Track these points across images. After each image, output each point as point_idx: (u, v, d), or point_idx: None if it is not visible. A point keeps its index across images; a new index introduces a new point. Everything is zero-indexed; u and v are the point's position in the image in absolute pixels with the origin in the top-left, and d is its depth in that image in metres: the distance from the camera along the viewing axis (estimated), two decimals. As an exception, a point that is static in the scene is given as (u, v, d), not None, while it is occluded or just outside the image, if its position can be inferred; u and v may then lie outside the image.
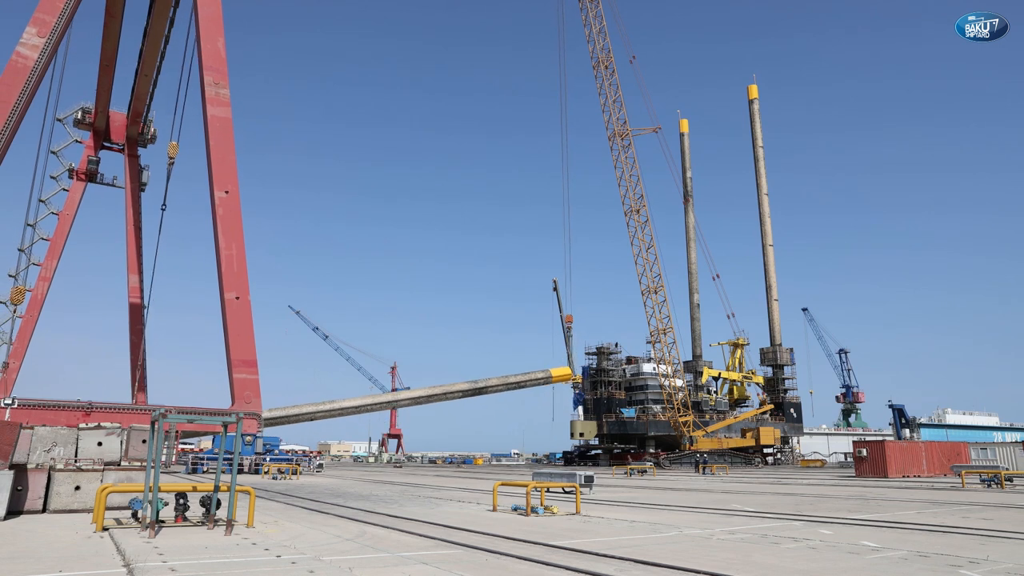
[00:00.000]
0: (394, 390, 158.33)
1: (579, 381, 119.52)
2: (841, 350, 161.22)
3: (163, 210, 74.74)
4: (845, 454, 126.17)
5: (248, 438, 51.54)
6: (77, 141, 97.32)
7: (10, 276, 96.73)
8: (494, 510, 20.43)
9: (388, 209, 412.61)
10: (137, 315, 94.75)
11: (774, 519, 18.58)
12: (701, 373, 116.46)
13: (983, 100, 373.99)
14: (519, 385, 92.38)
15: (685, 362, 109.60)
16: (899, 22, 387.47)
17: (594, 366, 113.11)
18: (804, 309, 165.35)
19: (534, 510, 18.92)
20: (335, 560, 10.81)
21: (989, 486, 36.31)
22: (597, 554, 11.71)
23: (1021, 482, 41.53)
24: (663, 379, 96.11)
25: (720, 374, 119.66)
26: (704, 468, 71.28)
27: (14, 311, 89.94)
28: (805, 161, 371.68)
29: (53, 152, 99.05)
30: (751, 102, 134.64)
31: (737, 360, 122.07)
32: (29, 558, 10.75)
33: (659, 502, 25.08)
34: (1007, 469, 44.78)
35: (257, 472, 51.59)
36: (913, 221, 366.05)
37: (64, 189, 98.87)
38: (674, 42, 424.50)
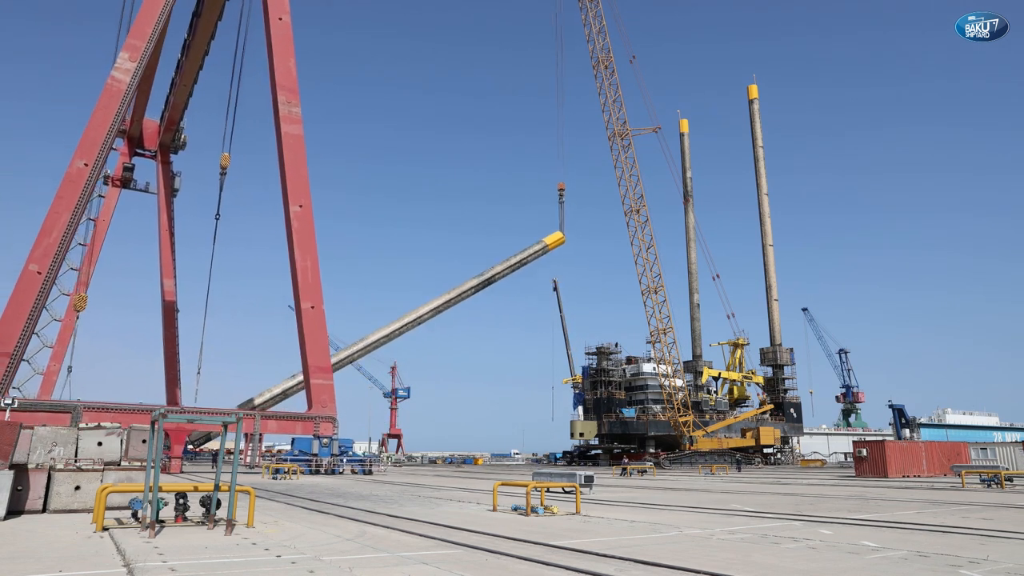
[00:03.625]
0: (394, 391, 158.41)
1: (579, 380, 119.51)
2: (841, 350, 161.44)
3: (217, 219, 76.20)
4: (845, 454, 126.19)
5: (325, 440, 53.24)
6: (113, 149, 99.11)
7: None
8: (494, 510, 20.43)
9: (388, 208, 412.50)
10: (171, 318, 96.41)
11: (774, 519, 18.59)
12: (701, 373, 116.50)
13: (983, 102, 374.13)
14: (521, 263, 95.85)
15: (685, 362, 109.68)
16: (899, 24, 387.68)
17: (594, 366, 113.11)
18: (804, 309, 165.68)
19: (534, 510, 18.93)
20: (335, 560, 10.81)
21: (989, 486, 36.32)
22: (597, 554, 11.72)
23: (1021, 482, 41.53)
24: (663, 379, 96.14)
25: (720, 374, 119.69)
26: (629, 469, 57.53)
27: (76, 317, 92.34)
28: (805, 162, 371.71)
29: None
30: (751, 102, 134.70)
31: (737, 360, 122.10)
32: (29, 558, 10.76)
33: (659, 502, 25.09)
34: (1007, 469, 44.79)
35: (333, 473, 52.57)
36: (913, 221, 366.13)
37: (100, 196, 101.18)
38: (674, 43, 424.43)
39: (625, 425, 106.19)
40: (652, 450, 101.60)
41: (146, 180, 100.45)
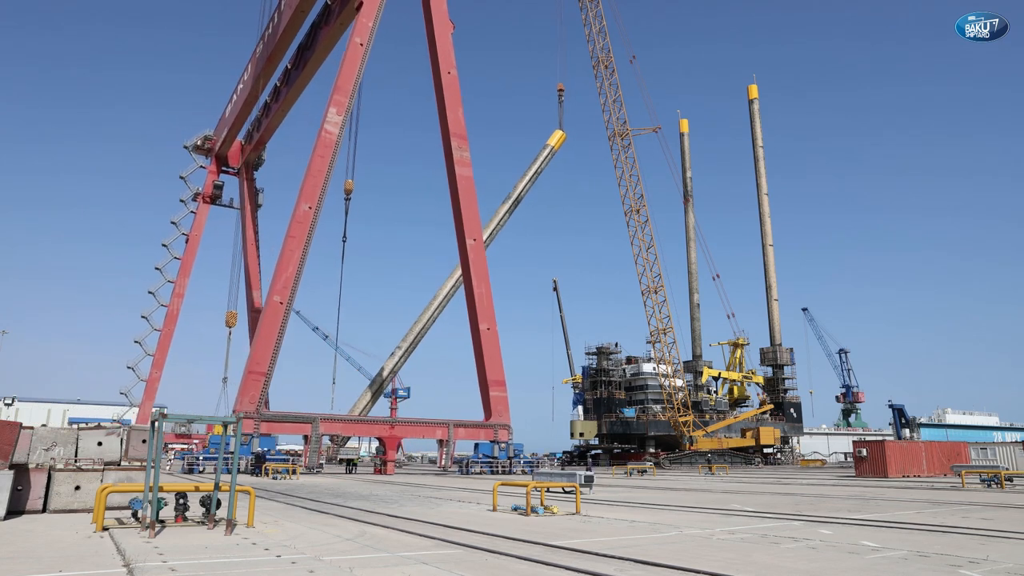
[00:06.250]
0: (394, 391, 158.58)
1: (579, 380, 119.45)
2: (841, 350, 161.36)
3: (344, 241, 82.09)
4: (845, 454, 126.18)
5: (502, 444, 60.46)
6: (201, 167, 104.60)
7: (149, 293, 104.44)
8: (494, 510, 20.43)
9: (387, 208, 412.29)
10: (256, 328, 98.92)
11: (774, 519, 18.58)
12: (701, 373, 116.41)
13: (984, 105, 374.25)
14: (537, 173, 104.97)
15: (685, 362, 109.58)
16: (900, 27, 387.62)
17: (594, 366, 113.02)
18: (804, 309, 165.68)
19: (534, 510, 18.92)
20: (335, 560, 10.81)
21: (989, 486, 36.29)
22: (597, 554, 11.71)
23: (1021, 482, 41.52)
24: (663, 379, 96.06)
25: (720, 374, 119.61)
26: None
27: (229, 333, 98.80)
28: (805, 163, 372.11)
29: (182, 178, 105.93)
30: (751, 102, 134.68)
31: (737, 360, 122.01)
32: (29, 558, 10.76)
33: (659, 502, 25.08)
34: (1007, 469, 44.75)
35: (509, 473, 57.93)
36: (913, 222, 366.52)
37: (192, 212, 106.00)
38: (674, 44, 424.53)
39: (625, 425, 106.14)
40: (652, 450, 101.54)
41: (230, 196, 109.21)
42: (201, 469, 50.29)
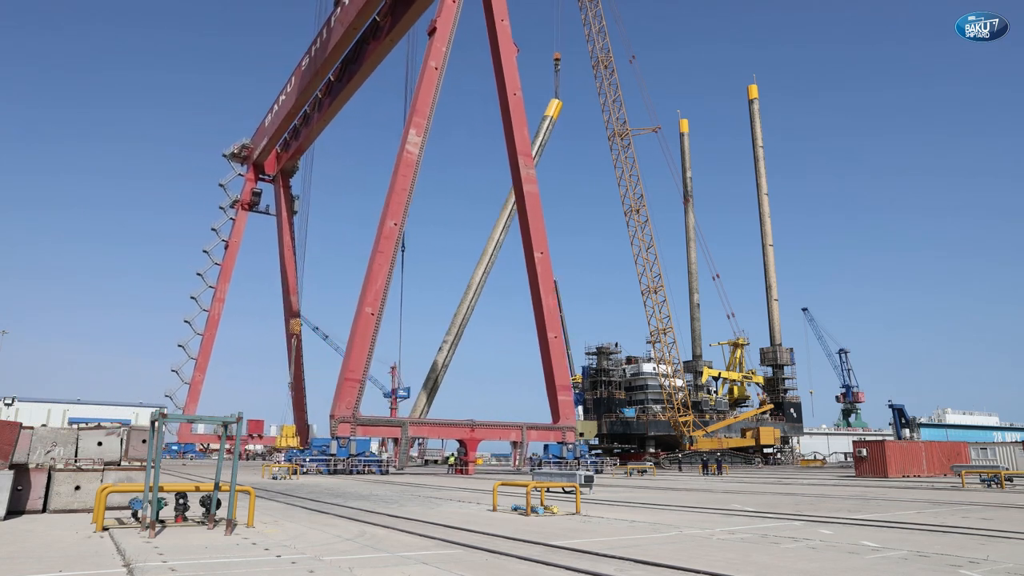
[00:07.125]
0: (394, 391, 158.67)
1: (579, 380, 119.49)
2: (841, 350, 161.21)
3: (403, 251, 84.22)
4: (845, 454, 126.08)
5: (569, 445, 64.41)
6: (240, 175, 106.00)
7: (191, 298, 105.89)
8: (494, 510, 20.43)
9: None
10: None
11: (774, 519, 18.58)
12: (701, 373, 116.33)
13: (984, 105, 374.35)
14: (542, 146, 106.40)
15: (685, 362, 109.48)
16: (900, 28, 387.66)
17: (594, 366, 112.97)
18: (804, 309, 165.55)
19: (534, 510, 18.92)
20: (335, 560, 10.81)
21: (989, 486, 36.29)
22: (597, 554, 11.71)
23: (1021, 482, 41.52)
24: (663, 379, 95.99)
25: (720, 374, 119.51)
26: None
27: (294, 341, 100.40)
28: (805, 163, 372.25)
29: (221, 185, 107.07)
30: (751, 102, 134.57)
31: (737, 360, 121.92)
32: (29, 558, 10.76)
33: (659, 502, 25.08)
34: (1007, 469, 44.72)
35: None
36: (913, 222, 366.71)
37: (231, 219, 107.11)
38: (674, 45, 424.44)
39: (625, 425, 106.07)
40: (652, 450, 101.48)
41: (266, 203, 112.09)
42: (305, 471, 50.50)
